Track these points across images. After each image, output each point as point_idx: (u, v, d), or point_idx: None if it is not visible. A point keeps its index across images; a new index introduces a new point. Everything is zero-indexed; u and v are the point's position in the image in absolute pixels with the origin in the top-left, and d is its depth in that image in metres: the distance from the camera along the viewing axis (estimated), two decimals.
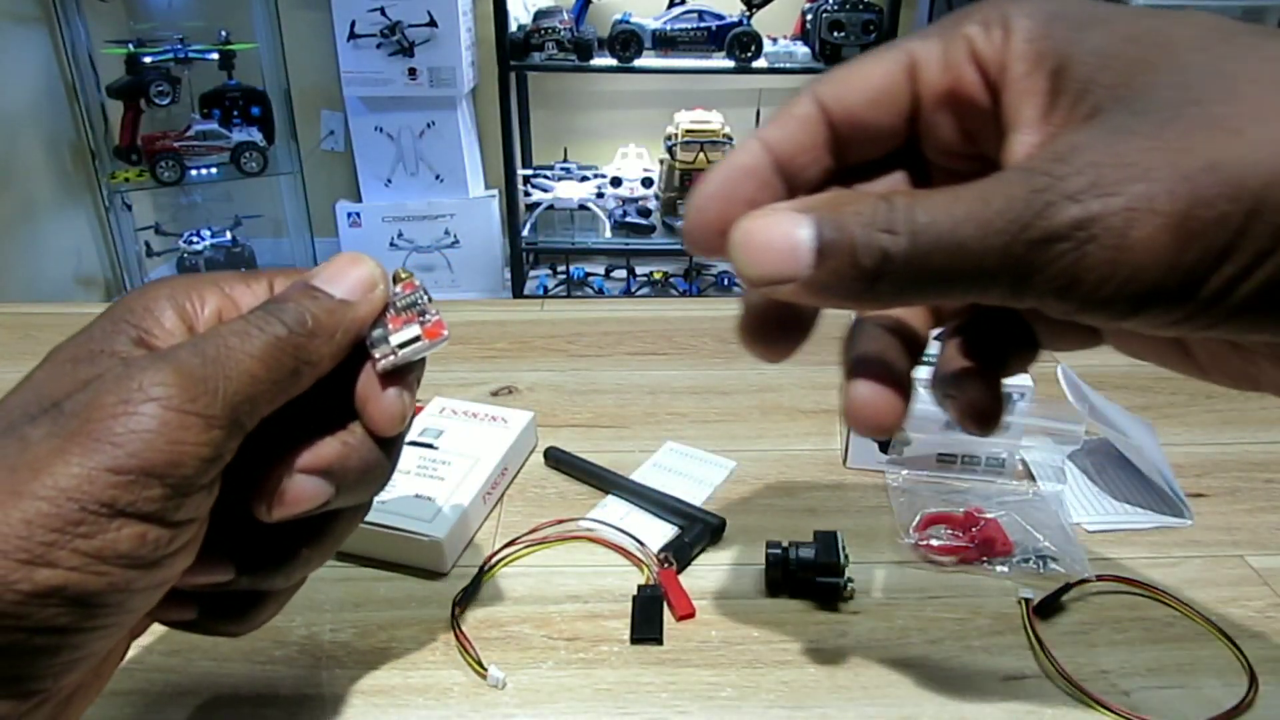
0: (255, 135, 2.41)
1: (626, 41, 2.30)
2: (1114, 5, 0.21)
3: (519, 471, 0.52)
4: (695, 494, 0.49)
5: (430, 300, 0.29)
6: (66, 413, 0.22)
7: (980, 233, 0.18)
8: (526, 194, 2.50)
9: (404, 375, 0.29)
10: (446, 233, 2.67)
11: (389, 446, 0.29)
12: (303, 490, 0.27)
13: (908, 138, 0.24)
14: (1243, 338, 0.21)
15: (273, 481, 0.26)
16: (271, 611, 0.31)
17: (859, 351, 0.25)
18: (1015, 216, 0.18)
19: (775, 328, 0.25)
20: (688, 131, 2.34)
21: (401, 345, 0.28)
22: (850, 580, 0.42)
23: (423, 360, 0.29)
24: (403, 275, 0.29)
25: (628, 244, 2.49)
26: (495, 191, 2.70)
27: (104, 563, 0.22)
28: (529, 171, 2.55)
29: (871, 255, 0.19)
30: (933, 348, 0.27)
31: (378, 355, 0.28)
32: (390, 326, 0.28)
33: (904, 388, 0.24)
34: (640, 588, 0.42)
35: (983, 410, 0.25)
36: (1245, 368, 0.23)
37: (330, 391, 0.28)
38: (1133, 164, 0.17)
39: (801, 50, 2.38)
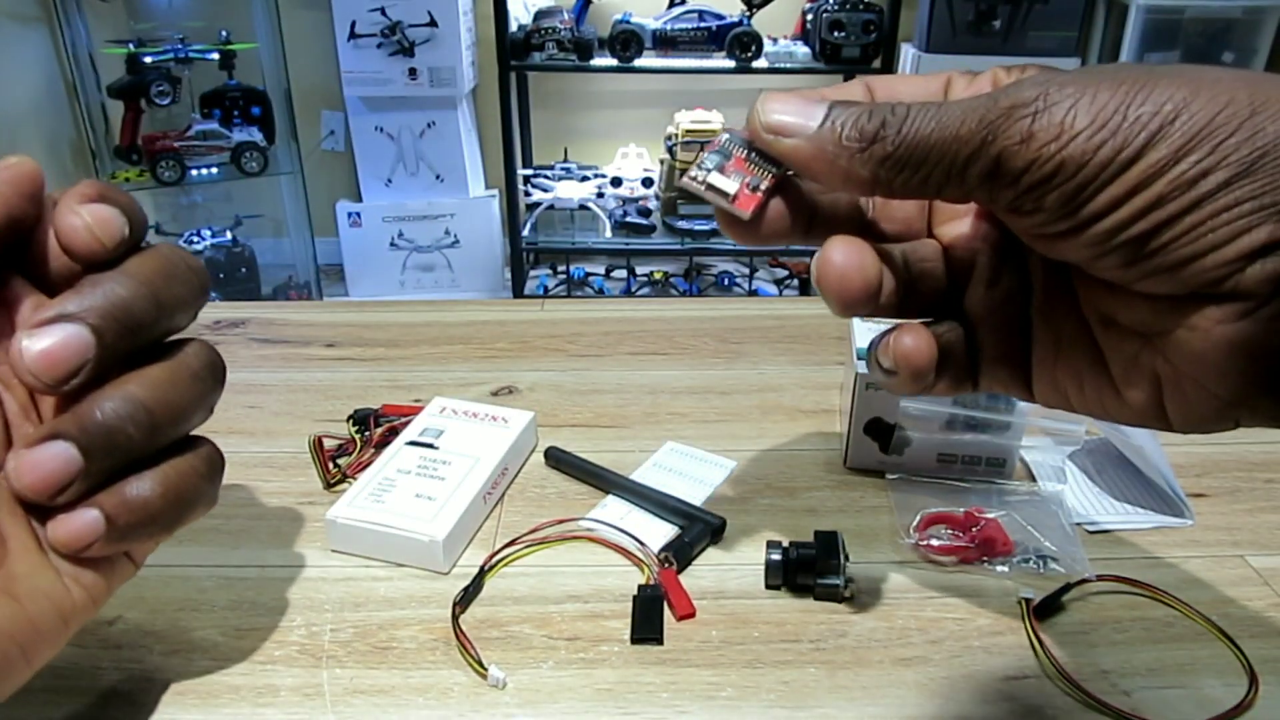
0: (256, 135, 2.41)
1: (627, 41, 2.30)
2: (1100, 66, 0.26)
3: (519, 471, 0.52)
4: (695, 494, 0.49)
5: (774, 174, 0.27)
6: None
7: (962, 112, 0.23)
8: (527, 194, 2.50)
9: (112, 199, 0.29)
10: (447, 232, 2.67)
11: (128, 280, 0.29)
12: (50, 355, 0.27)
13: None
14: (1131, 277, 0.23)
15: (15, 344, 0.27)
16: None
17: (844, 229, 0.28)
18: (990, 96, 0.23)
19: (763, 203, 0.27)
20: (688, 131, 2.34)
21: (707, 184, 0.27)
22: (850, 580, 0.42)
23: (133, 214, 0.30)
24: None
25: (628, 244, 2.49)
26: (495, 191, 2.70)
27: None
28: (529, 171, 2.55)
29: (874, 122, 0.23)
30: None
31: (689, 174, 0.27)
32: (726, 166, 0.27)
33: (880, 265, 0.26)
34: (640, 588, 0.42)
35: (914, 358, 0.27)
36: (1154, 367, 0.25)
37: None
38: (1087, 74, 0.22)
39: (802, 50, 2.38)
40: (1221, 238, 0.21)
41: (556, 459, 0.52)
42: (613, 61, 2.33)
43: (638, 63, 2.34)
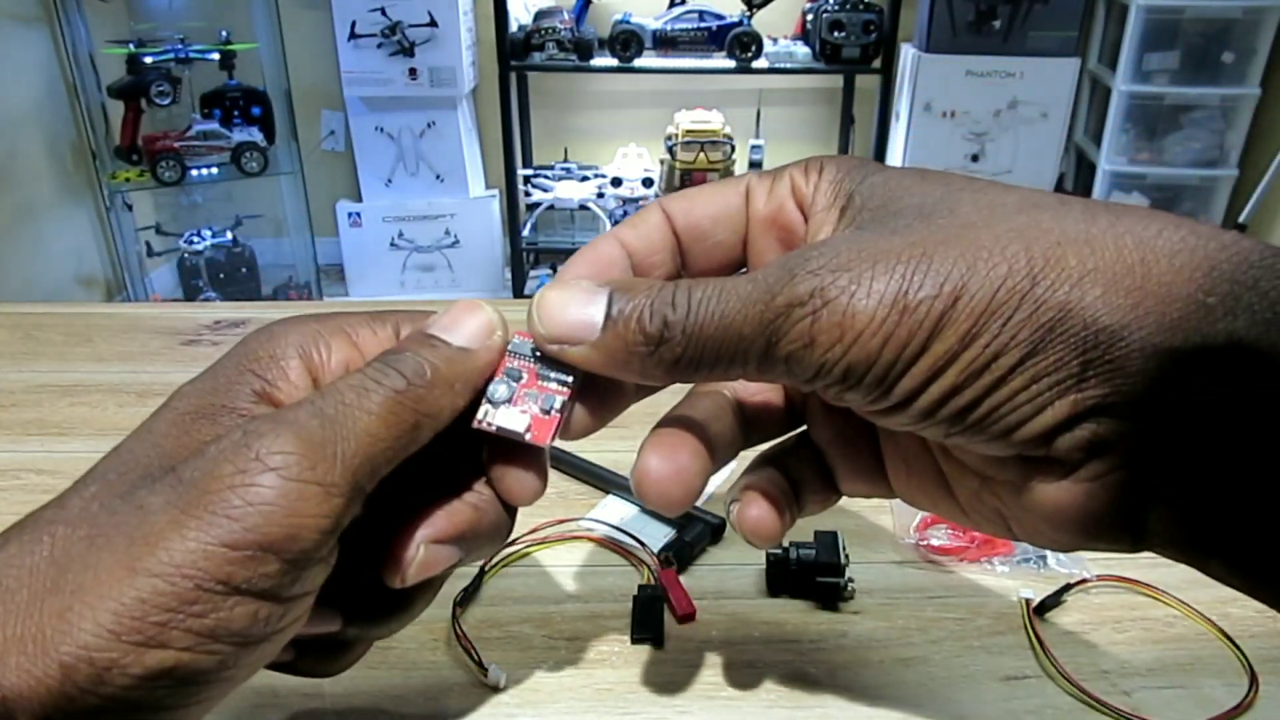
0: (256, 135, 2.41)
1: (627, 41, 2.30)
2: (900, 167, 0.25)
3: None
4: None
5: (570, 385, 0.26)
6: (185, 481, 0.21)
7: (741, 304, 0.22)
8: (527, 194, 2.50)
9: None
10: (447, 233, 2.67)
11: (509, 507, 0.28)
12: (435, 558, 0.26)
13: (742, 256, 0.27)
14: (958, 443, 0.23)
15: (402, 550, 0.25)
16: (366, 648, 0.30)
17: (675, 411, 0.28)
18: (767, 288, 0.22)
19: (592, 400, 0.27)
20: (688, 132, 2.34)
21: (500, 429, 0.26)
22: (851, 580, 0.42)
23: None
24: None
25: None
26: (496, 191, 2.70)
27: (216, 641, 0.21)
28: (529, 171, 2.55)
29: (655, 323, 0.22)
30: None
31: (477, 416, 0.26)
32: (516, 393, 0.26)
33: (705, 454, 0.26)
34: (641, 588, 0.42)
35: (761, 530, 0.28)
36: (995, 505, 0.25)
37: (447, 442, 0.26)
38: (864, 250, 0.21)
39: (802, 50, 2.38)
40: (1025, 414, 0.21)
41: (556, 459, 0.52)
42: (613, 61, 2.33)
43: (638, 63, 2.34)
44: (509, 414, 0.26)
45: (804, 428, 0.30)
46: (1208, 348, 0.18)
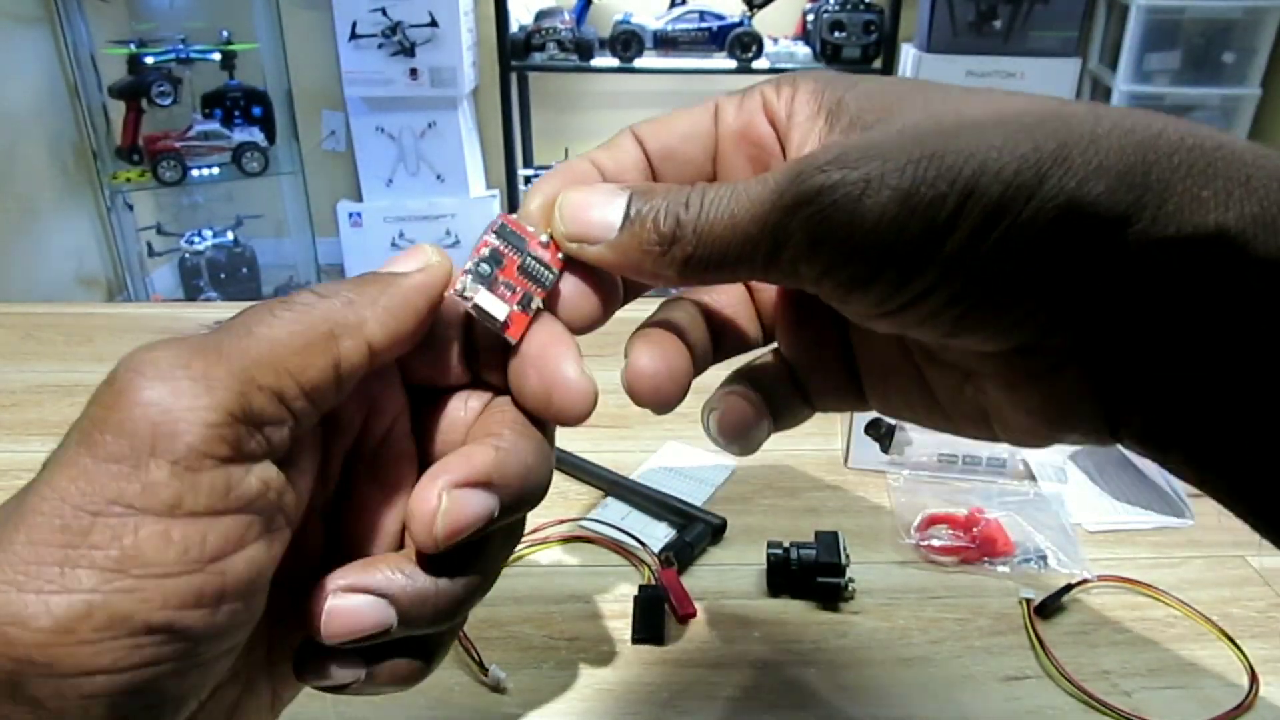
0: (256, 135, 2.41)
1: (627, 42, 2.30)
2: (875, 75, 0.24)
3: None
4: (696, 494, 0.49)
5: (546, 287, 0.24)
6: (78, 425, 0.20)
7: (749, 204, 0.22)
8: None
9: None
10: (448, 233, 2.67)
11: (542, 449, 0.25)
12: (464, 507, 0.22)
13: (713, 173, 0.27)
14: (962, 336, 0.23)
15: (424, 501, 0.22)
16: (441, 653, 0.27)
17: (655, 316, 0.28)
18: (775, 187, 0.21)
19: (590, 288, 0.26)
20: None
21: (478, 308, 0.24)
22: (851, 580, 0.42)
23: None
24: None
25: None
26: (496, 192, 2.70)
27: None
28: (530, 172, 2.55)
29: (669, 222, 0.23)
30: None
31: (455, 286, 0.24)
32: (498, 280, 0.24)
33: (689, 355, 0.26)
34: (641, 588, 0.42)
35: (744, 428, 0.28)
36: (978, 400, 0.25)
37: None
38: (872, 148, 0.21)
39: (803, 50, 2.38)
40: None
41: (557, 459, 0.52)
42: (613, 62, 2.33)
43: (638, 63, 2.34)
44: (489, 297, 0.24)
45: (774, 344, 0.30)
46: (1197, 238, 0.19)
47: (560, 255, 0.25)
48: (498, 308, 0.24)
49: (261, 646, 0.24)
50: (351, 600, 0.23)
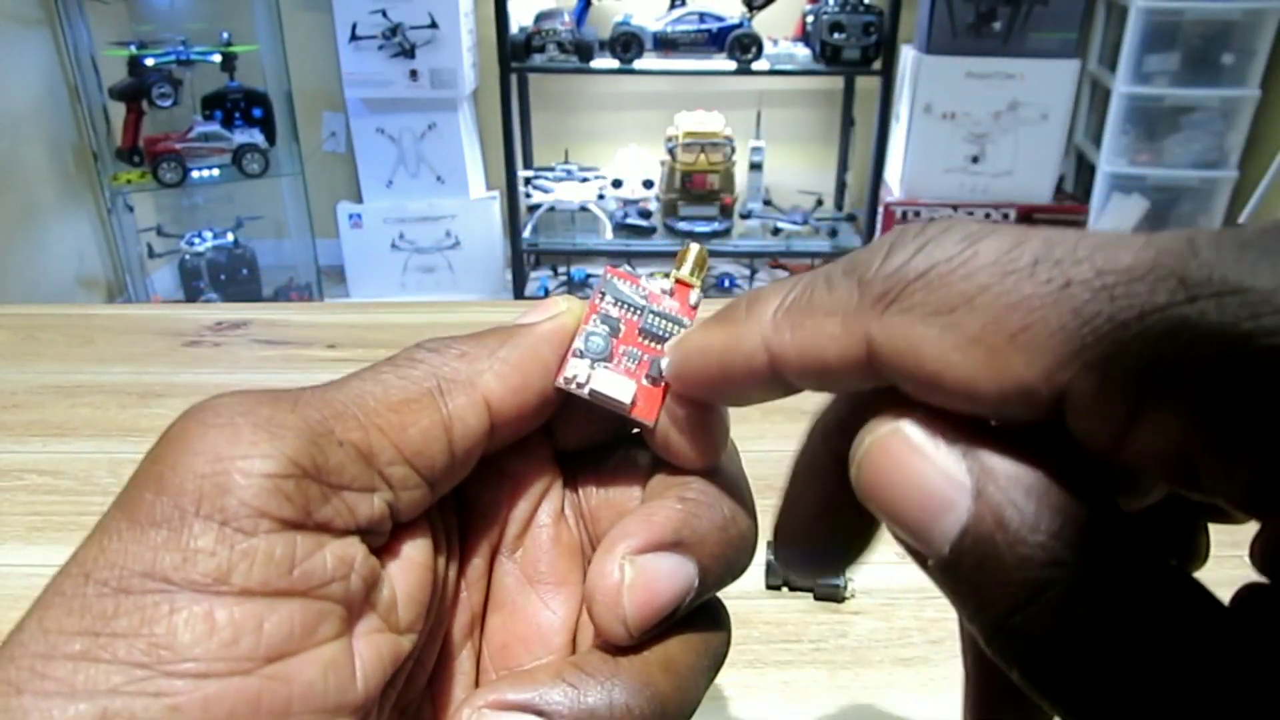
0: (257, 137, 2.42)
1: (627, 43, 2.30)
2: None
3: None
4: None
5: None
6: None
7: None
8: (527, 195, 2.50)
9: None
10: (448, 234, 2.67)
11: (738, 492, 0.22)
12: (655, 577, 0.18)
13: None
14: None
15: (604, 576, 0.18)
16: None
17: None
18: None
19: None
20: (689, 133, 2.34)
21: (594, 394, 0.20)
22: (850, 580, 0.42)
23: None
24: (688, 267, 0.21)
25: (629, 246, 2.49)
26: (496, 193, 2.70)
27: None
28: (530, 173, 2.55)
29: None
30: None
31: (564, 373, 0.20)
32: (614, 349, 0.20)
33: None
34: None
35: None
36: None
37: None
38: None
39: (802, 52, 2.39)
40: None
41: None
42: (613, 63, 2.33)
43: (638, 64, 2.34)
44: (607, 376, 0.20)
45: None
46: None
47: (691, 302, 0.21)
48: (619, 388, 0.20)
49: None
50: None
